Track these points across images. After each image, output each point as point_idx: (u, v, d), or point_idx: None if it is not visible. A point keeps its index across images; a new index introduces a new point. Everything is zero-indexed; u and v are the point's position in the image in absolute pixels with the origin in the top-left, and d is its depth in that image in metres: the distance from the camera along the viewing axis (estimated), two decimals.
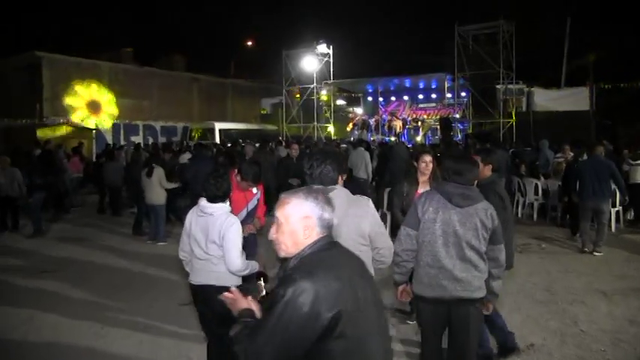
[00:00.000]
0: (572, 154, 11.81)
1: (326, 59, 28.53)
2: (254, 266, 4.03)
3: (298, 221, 2.22)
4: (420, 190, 5.38)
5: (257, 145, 13.95)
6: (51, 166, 13.54)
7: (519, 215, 11.99)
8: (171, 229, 10.90)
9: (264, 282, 4.22)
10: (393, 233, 9.53)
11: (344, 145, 17.58)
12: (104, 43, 34.00)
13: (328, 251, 2.23)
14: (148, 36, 40.31)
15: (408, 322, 5.62)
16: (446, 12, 30.21)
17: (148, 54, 34.24)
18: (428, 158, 5.52)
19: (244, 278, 4.09)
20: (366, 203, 3.19)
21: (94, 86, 27.28)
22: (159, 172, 10.10)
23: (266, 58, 35.91)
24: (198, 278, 4.12)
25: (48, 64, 26.18)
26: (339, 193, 3.06)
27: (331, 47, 28.45)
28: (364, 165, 12.39)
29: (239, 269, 3.97)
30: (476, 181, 3.89)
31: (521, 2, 29.63)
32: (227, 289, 3.86)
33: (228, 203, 4.17)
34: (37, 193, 11.32)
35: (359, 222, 3.09)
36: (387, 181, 9.78)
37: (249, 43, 43.30)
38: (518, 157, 13.60)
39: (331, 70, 28.65)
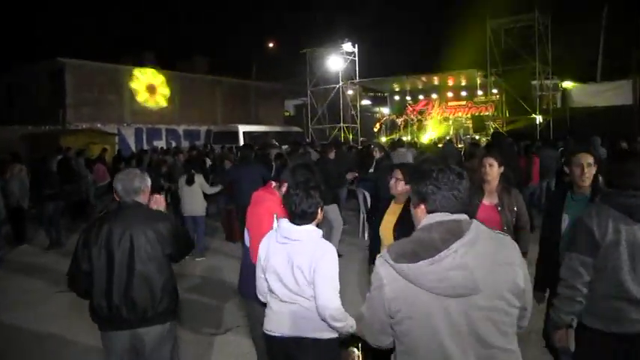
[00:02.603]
0: None
1: (351, 58, 27.80)
2: (352, 323, 3.04)
3: None
4: (486, 201, 4.40)
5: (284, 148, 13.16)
6: (69, 174, 12.96)
7: None
8: (210, 242, 10.16)
9: (361, 353, 3.21)
10: None
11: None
12: (125, 47, 33.49)
13: (113, 211, 3.38)
14: (169, 39, 39.85)
15: None
16: (476, 6, 29.06)
17: (169, 57, 33.72)
18: (490, 161, 4.46)
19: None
20: (513, 243, 2.11)
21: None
22: (200, 180, 9.30)
23: (289, 58, 35.19)
24: (279, 327, 3.11)
25: (70, 69, 25.75)
26: (481, 230, 1.99)
27: (356, 46, 27.69)
28: None
29: (334, 315, 2.93)
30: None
31: None
32: (322, 342, 3.01)
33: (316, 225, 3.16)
34: (52, 204, 10.59)
35: (515, 273, 2.00)
36: None
37: (271, 45, 42.67)
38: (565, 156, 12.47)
39: (357, 69, 27.88)
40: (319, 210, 3.11)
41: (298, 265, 2.97)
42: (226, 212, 10.33)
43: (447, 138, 22.90)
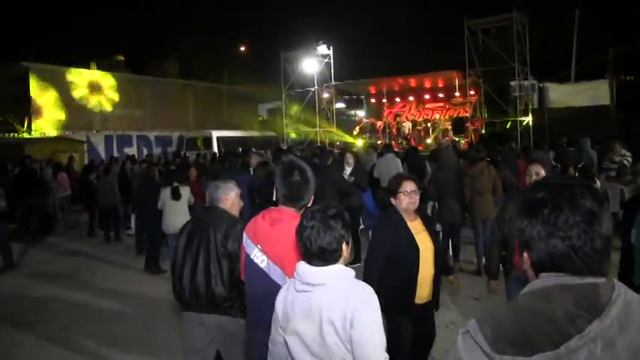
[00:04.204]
0: (628, 153, 10.42)
1: (326, 60, 27.31)
2: None
3: None
4: None
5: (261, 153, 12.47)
6: (36, 186, 12.10)
7: None
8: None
9: None
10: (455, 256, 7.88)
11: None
12: (93, 51, 32.45)
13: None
14: (138, 42, 38.81)
15: None
16: (453, 6, 28.82)
17: (139, 61, 32.81)
18: (537, 168, 3.94)
19: None
20: None
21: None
22: (186, 193, 8.30)
23: (262, 61, 34.56)
24: None
25: (35, 74, 24.74)
26: (631, 300, 1.20)
27: (331, 48, 27.21)
28: None
29: None
30: None
31: None
32: None
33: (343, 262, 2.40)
34: (4, 221, 9.59)
35: None
36: (434, 194, 8.22)
37: (243, 49, 41.94)
38: (560, 159, 11.97)
39: (332, 71, 27.37)
40: (343, 246, 2.36)
41: (328, 317, 2.20)
42: None
43: (444, 140, 22.52)
